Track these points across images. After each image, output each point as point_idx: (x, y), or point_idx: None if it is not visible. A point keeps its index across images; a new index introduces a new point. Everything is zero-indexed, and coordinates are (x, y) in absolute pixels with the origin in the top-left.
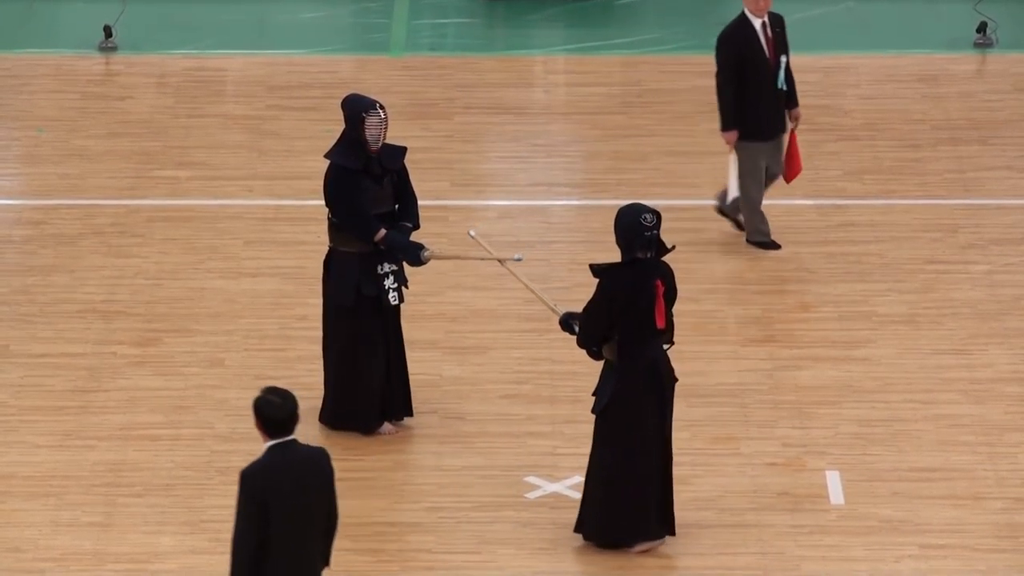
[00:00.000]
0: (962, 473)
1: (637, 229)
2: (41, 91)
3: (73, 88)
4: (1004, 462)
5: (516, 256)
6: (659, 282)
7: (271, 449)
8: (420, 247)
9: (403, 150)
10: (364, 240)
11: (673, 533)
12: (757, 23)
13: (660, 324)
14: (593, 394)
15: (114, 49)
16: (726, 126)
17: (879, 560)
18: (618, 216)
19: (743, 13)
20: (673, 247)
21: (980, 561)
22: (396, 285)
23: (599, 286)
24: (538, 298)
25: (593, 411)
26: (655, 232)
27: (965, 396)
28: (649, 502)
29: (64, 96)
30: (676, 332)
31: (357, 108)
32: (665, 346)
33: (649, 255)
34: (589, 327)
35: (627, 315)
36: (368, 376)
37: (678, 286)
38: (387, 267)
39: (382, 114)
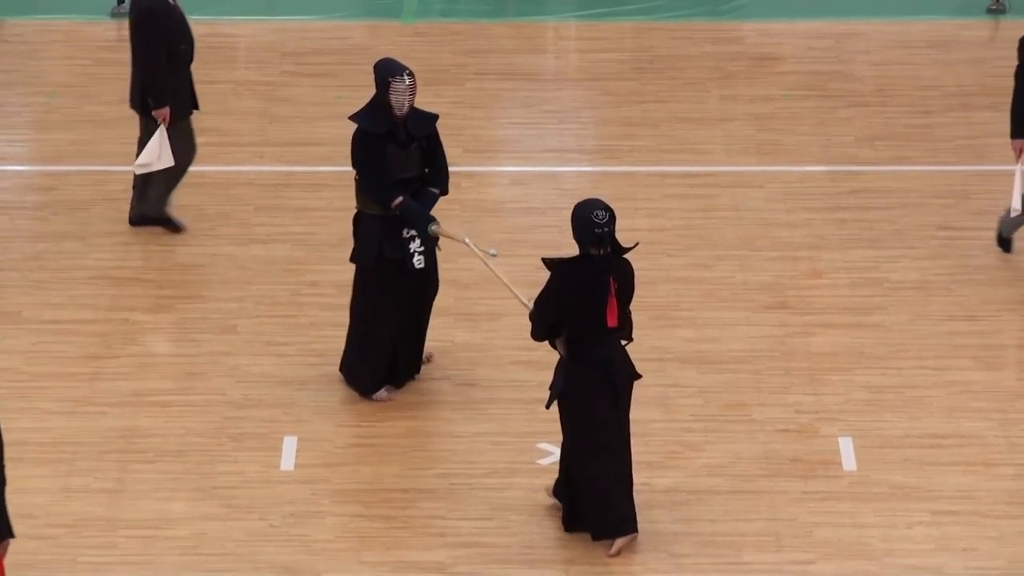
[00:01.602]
0: (974, 440)
1: (588, 226)
2: (52, 57)
3: (85, 54)
4: (1016, 429)
5: (491, 251)
6: (612, 279)
7: None
8: (431, 220)
9: (434, 117)
10: (382, 205)
11: (635, 530)
12: None
13: (612, 322)
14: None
15: (126, 15)
16: (1017, 133)
17: (891, 526)
18: (573, 211)
19: None
20: (635, 245)
21: (991, 528)
22: (423, 248)
23: (549, 279)
24: (511, 292)
25: (546, 407)
26: (607, 229)
27: (977, 362)
28: (607, 498)
29: (76, 62)
30: (688, 298)
31: (384, 73)
32: (624, 343)
33: (602, 252)
34: (538, 319)
35: (577, 311)
36: (376, 341)
37: (690, 252)
38: (412, 231)
39: (408, 81)
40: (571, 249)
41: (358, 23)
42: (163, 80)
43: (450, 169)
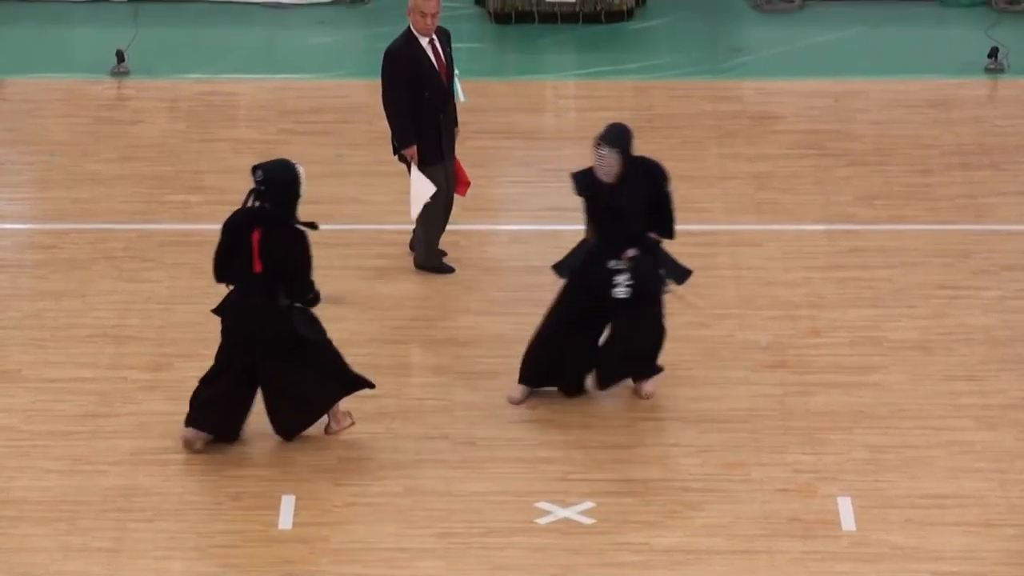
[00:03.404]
0: (974, 500)
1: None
2: (53, 115)
3: (85, 112)
4: (1016, 489)
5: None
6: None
7: None
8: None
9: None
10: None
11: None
12: None
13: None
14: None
15: (126, 73)
16: None
17: None
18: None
19: None
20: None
21: None
22: (630, 282)
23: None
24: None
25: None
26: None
27: (977, 422)
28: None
29: (76, 120)
30: (687, 356)
31: None
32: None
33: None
34: None
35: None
36: (545, 341)
37: (689, 310)
38: (616, 263)
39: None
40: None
41: (357, 81)
42: (407, 121)
43: (450, 228)
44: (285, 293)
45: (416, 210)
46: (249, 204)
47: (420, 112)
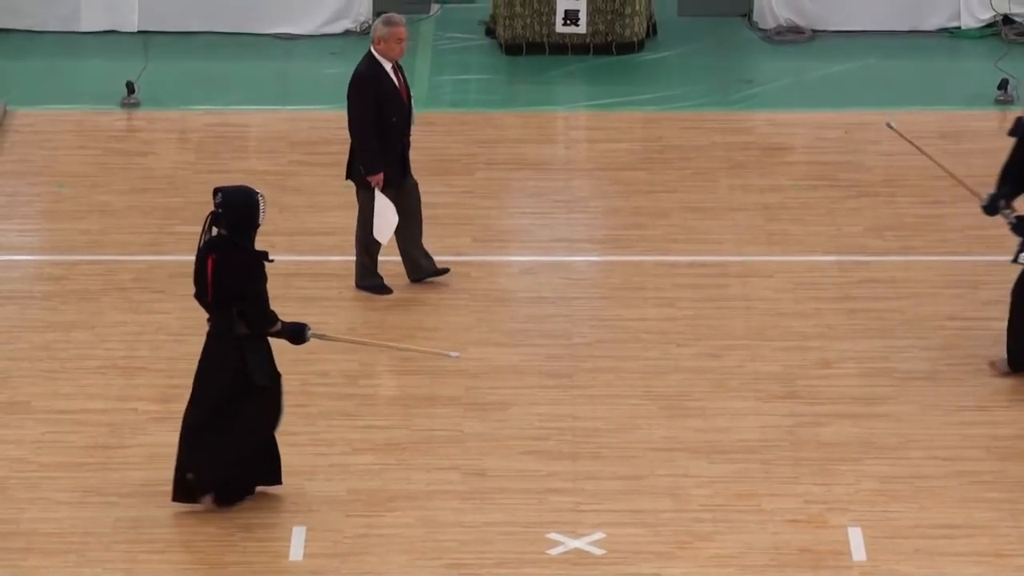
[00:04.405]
0: (984, 530)
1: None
2: (63, 147)
3: (95, 144)
4: None
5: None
6: None
7: None
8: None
9: None
10: None
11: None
12: None
13: None
14: None
15: (136, 105)
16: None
17: None
18: None
19: None
20: None
21: None
22: None
23: None
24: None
25: None
26: None
27: (987, 453)
28: None
29: (86, 152)
30: (698, 388)
31: None
32: None
33: None
34: None
35: None
36: None
37: (700, 342)
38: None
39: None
40: (580, 340)
41: None
42: (375, 147)
43: (460, 259)
44: (243, 323)
45: (387, 235)
46: (206, 229)
47: (386, 137)
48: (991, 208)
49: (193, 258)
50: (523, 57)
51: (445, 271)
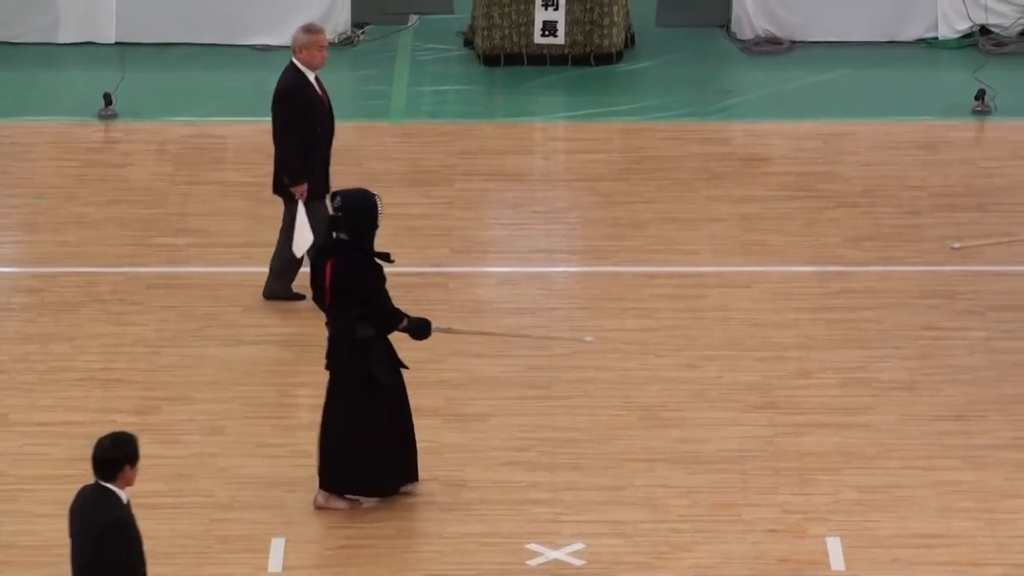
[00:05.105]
0: (962, 539)
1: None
2: (41, 159)
3: (73, 156)
4: (1004, 528)
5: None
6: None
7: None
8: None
9: None
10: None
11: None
12: None
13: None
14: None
15: (114, 117)
16: None
17: None
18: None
19: None
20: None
21: None
22: None
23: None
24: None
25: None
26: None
27: (965, 462)
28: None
29: (64, 164)
30: (676, 398)
31: None
32: None
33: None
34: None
35: None
36: None
37: (678, 352)
38: None
39: None
40: (560, 350)
41: (346, 124)
42: (301, 159)
43: (439, 270)
44: (366, 324)
45: (302, 250)
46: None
47: (312, 148)
48: None
49: (173, 269)
50: (501, 68)
51: (301, 297)
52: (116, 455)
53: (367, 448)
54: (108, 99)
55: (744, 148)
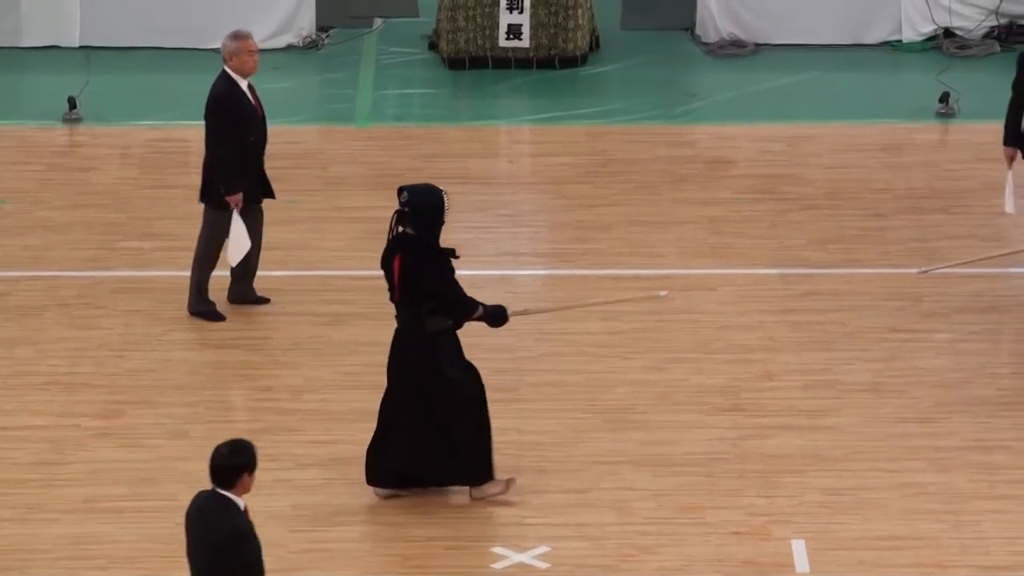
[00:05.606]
0: (927, 541)
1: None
2: (5, 162)
3: (37, 159)
4: (969, 530)
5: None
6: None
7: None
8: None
9: None
10: None
11: None
12: None
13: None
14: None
15: (78, 120)
16: (1007, 141)
17: None
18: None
19: None
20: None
21: None
22: None
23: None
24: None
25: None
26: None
27: (930, 464)
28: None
29: (28, 167)
30: (642, 401)
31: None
32: None
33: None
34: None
35: None
36: None
37: (644, 355)
38: None
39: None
40: (525, 352)
41: (311, 127)
42: (235, 167)
43: None
44: (437, 317)
45: (238, 258)
46: (392, 228)
47: (245, 156)
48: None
49: (137, 273)
50: (466, 71)
51: (266, 301)
52: (235, 462)
53: (429, 442)
54: (72, 103)
55: (709, 151)
